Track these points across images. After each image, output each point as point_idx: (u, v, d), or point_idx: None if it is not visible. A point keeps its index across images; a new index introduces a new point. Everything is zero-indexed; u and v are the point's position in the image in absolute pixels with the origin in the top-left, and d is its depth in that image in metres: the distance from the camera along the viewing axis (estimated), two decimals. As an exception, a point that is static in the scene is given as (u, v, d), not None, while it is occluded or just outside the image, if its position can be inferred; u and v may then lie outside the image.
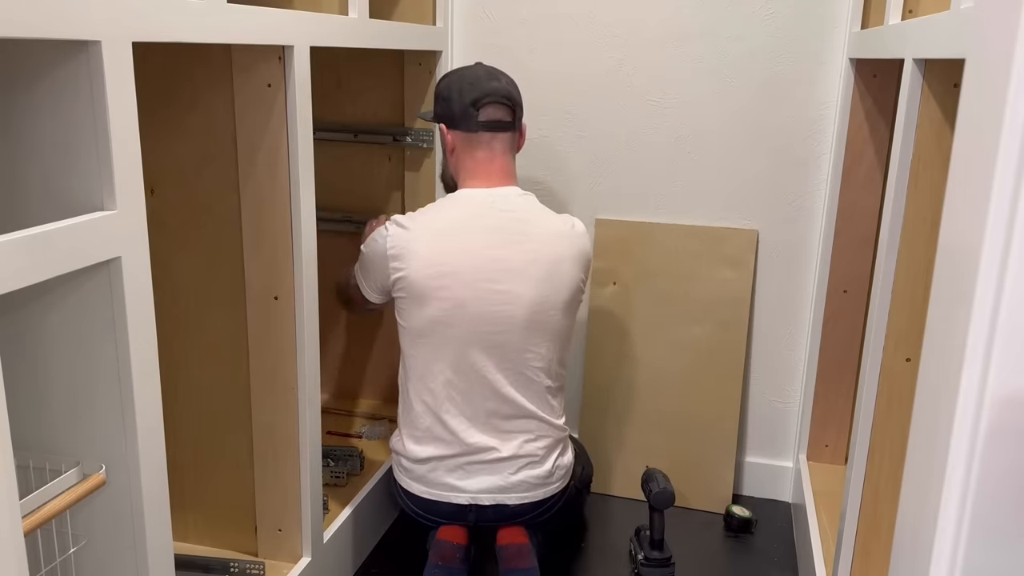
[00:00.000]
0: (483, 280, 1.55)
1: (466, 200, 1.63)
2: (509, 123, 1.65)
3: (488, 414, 1.60)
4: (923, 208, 1.25)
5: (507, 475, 1.62)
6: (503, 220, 1.60)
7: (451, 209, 1.63)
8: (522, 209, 1.63)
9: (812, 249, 2.07)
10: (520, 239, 1.59)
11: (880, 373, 1.34)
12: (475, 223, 1.59)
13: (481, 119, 1.63)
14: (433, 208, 1.66)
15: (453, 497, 1.63)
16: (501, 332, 1.57)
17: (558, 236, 1.61)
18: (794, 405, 2.17)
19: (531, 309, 1.57)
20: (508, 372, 1.59)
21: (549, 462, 1.64)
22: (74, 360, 1.04)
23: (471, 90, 1.63)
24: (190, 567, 1.56)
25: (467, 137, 1.65)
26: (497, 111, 1.64)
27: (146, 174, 1.04)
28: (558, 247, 1.60)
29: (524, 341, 1.58)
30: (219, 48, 1.40)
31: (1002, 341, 0.53)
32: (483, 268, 1.56)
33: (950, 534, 0.56)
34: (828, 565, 1.62)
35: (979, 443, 0.55)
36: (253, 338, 1.51)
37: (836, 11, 1.94)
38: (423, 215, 1.62)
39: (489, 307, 1.56)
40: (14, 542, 0.83)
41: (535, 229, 1.61)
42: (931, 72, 1.21)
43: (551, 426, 1.64)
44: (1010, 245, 0.52)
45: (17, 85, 0.97)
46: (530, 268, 1.57)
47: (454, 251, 1.57)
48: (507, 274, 1.56)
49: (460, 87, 1.65)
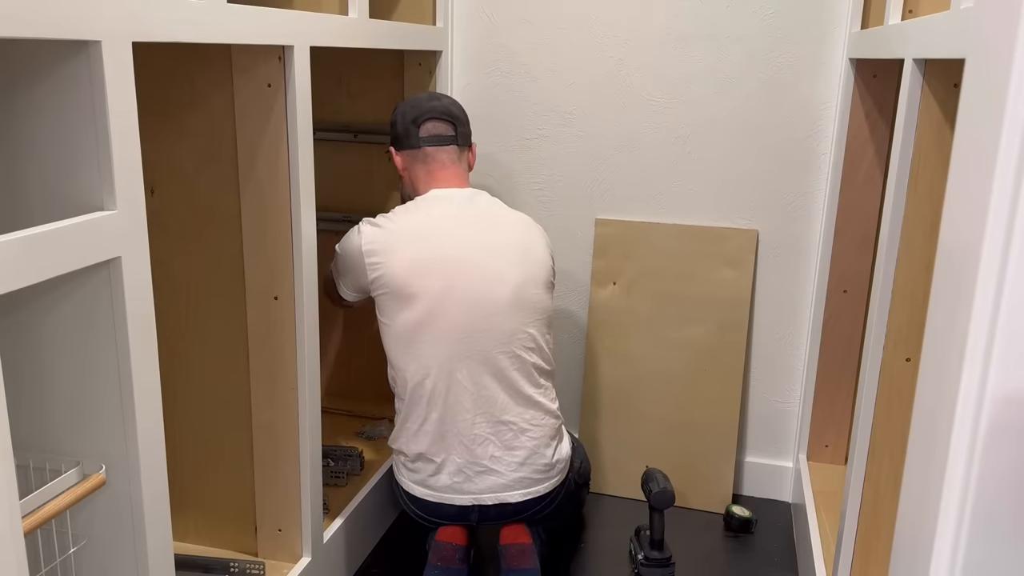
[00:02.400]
0: (465, 265, 1.59)
1: (434, 197, 1.67)
2: (451, 137, 1.71)
3: (484, 404, 1.61)
4: (923, 208, 1.25)
5: (508, 472, 1.62)
6: (474, 210, 1.67)
7: (422, 206, 1.66)
8: (487, 202, 1.70)
9: (812, 249, 2.07)
10: (493, 225, 1.66)
11: (880, 373, 1.34)
12: (448, 214, 1.64)
13: (422, 134, 1.69)
14: (403, 208, 1.68)
15: (455, 499, 1.63)
16: (489, 315, 1.58)
17: (524, 223, 1.70)
18: (794, 405, 2.17)
19: (515, 288, 1.60)
20: (501, 356, 1.60)
21: (548, 453, 1.65)
22: (74, 360, 1.04)
23: (412, 111, 1.71)
24: (190, 567, 1.56)
25: (413, 155, 1.71)
26: (437, 126, 1.70)
27: (146, 174, 1.04)
28: (528, 232, 1.68)
29: (512, 321, 1.60)
30: (219, 48, 1.40)
31: (1002, 341, 0.53)
32: (463, 256, 1.59)
33: (950, 534, 0.56)
34: (828, 565, 1.62)
35: (979, 442, 0.55)
36: (253, 338, 1.51)
37: (836, 11, 1.94)
38: (395, 213, 1.66)
39: (474, 293, 1.58)
40: (14, 542, 0.83)
41: (503, 217, 1.68)
42: (931, 72, 1.21)
43: (547, 412, 1.65)
44: (1010, 245, 0.52)
45: (17, 85, 0.97)
46: (506, 250, 1.62)
47: (432, 242, 1.60)
48: (487, 256, 1.60)
49: (403, 110, 1.73)
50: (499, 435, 1.61)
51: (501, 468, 1.62)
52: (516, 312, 1.60)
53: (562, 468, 1.69)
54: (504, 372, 1.60)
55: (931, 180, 1.25)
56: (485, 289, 1.58)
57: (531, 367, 1.63)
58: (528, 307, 1.62)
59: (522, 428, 1.62)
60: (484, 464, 1.61)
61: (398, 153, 1.73)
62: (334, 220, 2.20)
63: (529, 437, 1.62)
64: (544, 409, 1.65)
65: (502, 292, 1.59)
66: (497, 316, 1.59)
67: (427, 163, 1.70)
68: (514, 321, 1.60)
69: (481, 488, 1.62)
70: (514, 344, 1.60)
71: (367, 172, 2.21)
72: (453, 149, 1.71)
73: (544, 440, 1.64)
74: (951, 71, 1.19)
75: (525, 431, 1.62)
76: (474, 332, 1.58)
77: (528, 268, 1.63)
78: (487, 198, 1.71)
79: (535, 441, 1.63)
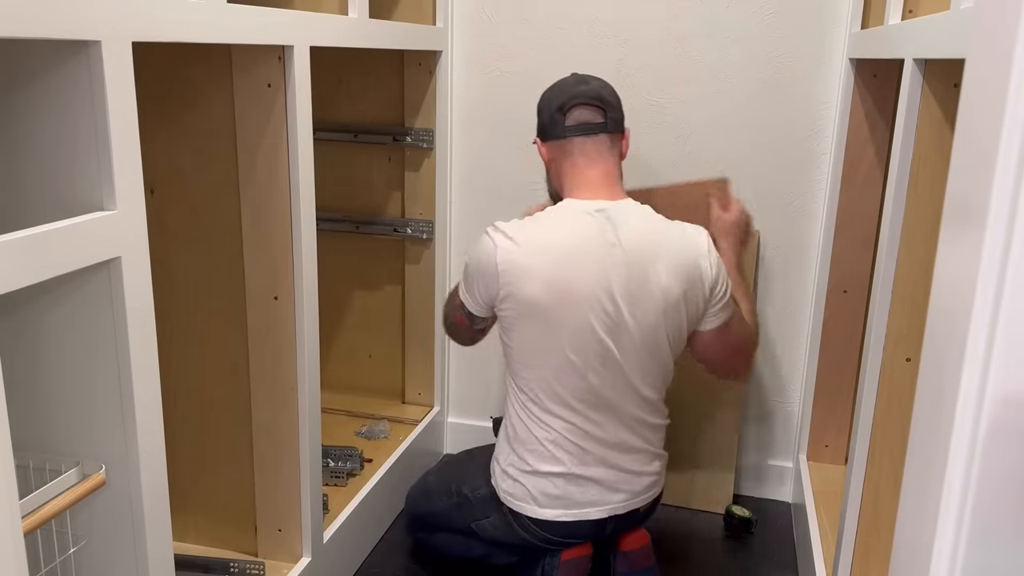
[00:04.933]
0: (595, 300, 1.47)
1: (573, 212, 1.52)
2: (601, 124, 1.55)
3: (625, 420, 1.55)
4: (923, 208, 1.25)
5: (640, 476, 1.59)
6: (615, 236, 1.49)
7: (559, 221, 1.52)
8: (637, 219, 1.52)
9: (812, 249, 2.06)
10: (633, 259, 1.48)
11: (880, 373, 1.34)
12: (585, 236, 1.48)
13: (568, 123, 1.54)
14: (539, 220, 1.54)
15: (592, 513, 1.56)
16: (614, 351, 1.50)
17: (677, 266, 1.50)
18: (794, 405, 2.17)
19: (644, 335, 1.50)
20: (635, 378, 1.53)
21: (663, 449, 1.64)
22: (74, 360, 1.04)
23: (558, 97, 1.57)
24: (190, 567, 1.56)
25: (560, 146, 1.57)
26: (585, 112, 1.55)
27: (146, 174, 1.04)
28: (672, 278, 1.49)
29: (638, 364, 1.52)
30: (219, 48, 1.40)
31: (1002, 341, 0.53)
32: (595, 289, 1.47)
33: (950, 534, 0.56)
34: (828, 565, 1.62)
35: (979, 443, 0.54)
36: (253, 338, 1.51)
37: (836, 11, 1.94)
38: (531, 226, 1.51)
39: (602, 327, 1.48)
40: (14, 542, 0.83)
41: (649, 251, 1.49)
42: (931, 72, 1.21)
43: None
44: (1010, 245, 0.52)
45: (17, 85, 0.97)
46: (641, 293, 1.48)
47: (564, 265, 1.47)
48: (621, 297, 1.48)
49: (549, 97, 1.59)
50: (631, 446, 1.59)
51: (634, 472, 1.60)
52: (643, 358, 1.53)
53: (664, 464, 1.68)
54: (637, 387, 1.56)
55: (931, 180, 1.25)
56: (610, 330, 1.48)
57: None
58: (656, 355, 1.54)
59: (645, 439, 1.60)
60: (621, 470, 1.59)
61: (544, 144, 1.60)
62: (334, 220, 2.20)
63: (651, 442, 1.62)
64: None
65: (631, 338, 1.49)
66: (622, 356, 1.51)
67: (573, 156, 1.55)
68: (639, 365, 1.53)
69: (619, 497, 1.58)
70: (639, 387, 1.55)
71: (367, 172, 2.21)
72: (603, 138, 1.54)
73: (660, 440, 1.64)
74: (951, 71, 1.19)
75: (646, 439, 1.61)
76: (600, 362, 1.52)
77: (661, 318, 1.50)
78: (636, 212, 1.53)
79: (655, 444, 1.63)
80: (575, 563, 1.60)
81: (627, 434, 1.56)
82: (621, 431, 1.55)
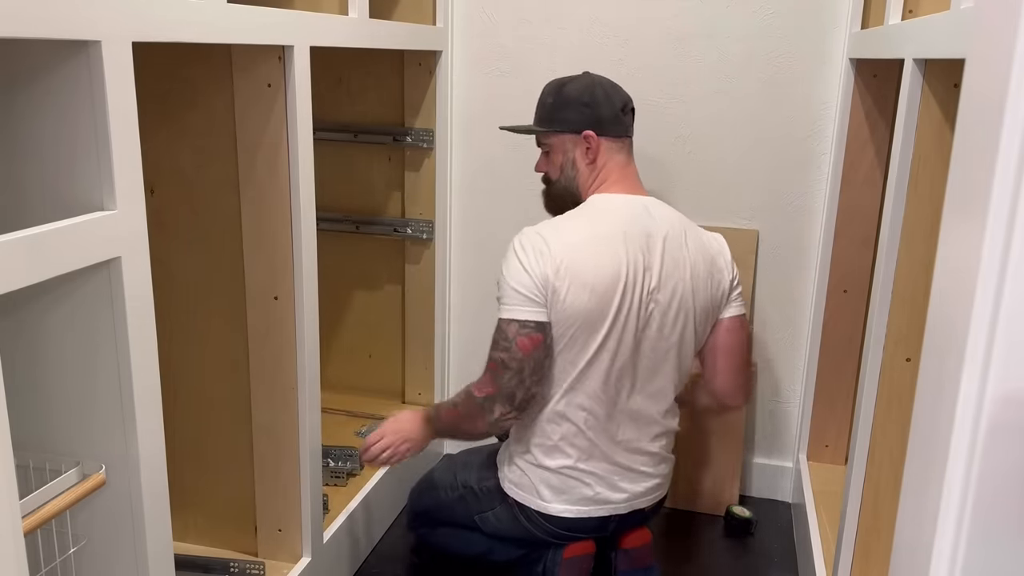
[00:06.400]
0: (640, 298, 1.48)
1: (619, 204, 1.55)
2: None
3: (636, 420, 1.55)
4: (923, 208, 1.25)
5: (646, 478, 1.59)
6: (662, 230, 1.52)
7: (606, 211, 1.53)
8: (668, 211, 1.57)
9: (812, 249, 2.07)
10: (677, 254, 1.51)
11: (880, 373, 1.34)
12: (631, 223, 1.50)
13: (630, 123, 1.62)
14: (574, 219, 1.53)
15: (597, 511, 1.56)
16: (652, 352, 1.52)
17: (703, 250, 1.56)
18: (794, 405, 2.17)
19: (683, 336, 1.53)
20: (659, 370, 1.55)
21: (671, 453, 1.64)
22: (74, 360, 1.04)
23: (617, 95, 1.59)
24: (190, 567, 1.56)
25: (619, 144, 1.59)
26: (632, 118, 1.63)
27: (146, 174, 1.04)
28: (700, 262, 1.54)
29: (664, 358, 1.54)
30: (219, 48, 1.40)
31: (1002, 340, 0.53)
32: (639, 285, 1.47)
33: (950, 534, 0.56)
34: (828, 565, 1.62)
35: (979, 442, 0.55)
36: (253, 338, 1.51)
37: (836, 11, 1.94)
38: (567, 228, 1.50)
39: (643, 332, 1.50)
40: (14, 542, 0.83)
41: (681, 240, 1.54)
42: (931, 72, 1.21)
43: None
44: (1010, 245, 0.52)
45: (17, 85, 0.97)
46: (676, 274, 1.51)
47: (607, 264, 1.46)
48: (659, 283, 1.49)
49: (606, 93, 1.59)
50: (646, 447, 1.59)
51: (642, 473, 1.60)
52: (675, 353, 1.54)
53: (672, 465, 1.69)
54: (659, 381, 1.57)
55: (931, 180, 1.25)
56: (653, 331, 1.51)
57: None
58: (685, 348, 1.56)
59: (659, 439, 1.61)
60: (631, 470, 1.59)
61: (600, 137, 1.56)
62: (334, 220, 2.20)
63: (662, 445, 1.62)
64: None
65: (671, 337, 1.52)
66: (657, 357, 1.53)
67: (622, 154, 1.59)
68: (667, 363, 1.55)
69: (624, 496, 1.58)
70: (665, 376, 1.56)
71: (367, 172, 2.21)
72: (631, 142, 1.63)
73: (672, 441, 1.65)
74: (951, 71, 1.19)
75: (659, 440, 1.61)
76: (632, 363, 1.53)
77: (703, 315, 1.54)
78: (670, 213, 1.58)
79: (666, 446, 1.63)
80: (577, 560, 1.60)
81: (640, 433, 1.56)
82: (635, 430, 1.56)
